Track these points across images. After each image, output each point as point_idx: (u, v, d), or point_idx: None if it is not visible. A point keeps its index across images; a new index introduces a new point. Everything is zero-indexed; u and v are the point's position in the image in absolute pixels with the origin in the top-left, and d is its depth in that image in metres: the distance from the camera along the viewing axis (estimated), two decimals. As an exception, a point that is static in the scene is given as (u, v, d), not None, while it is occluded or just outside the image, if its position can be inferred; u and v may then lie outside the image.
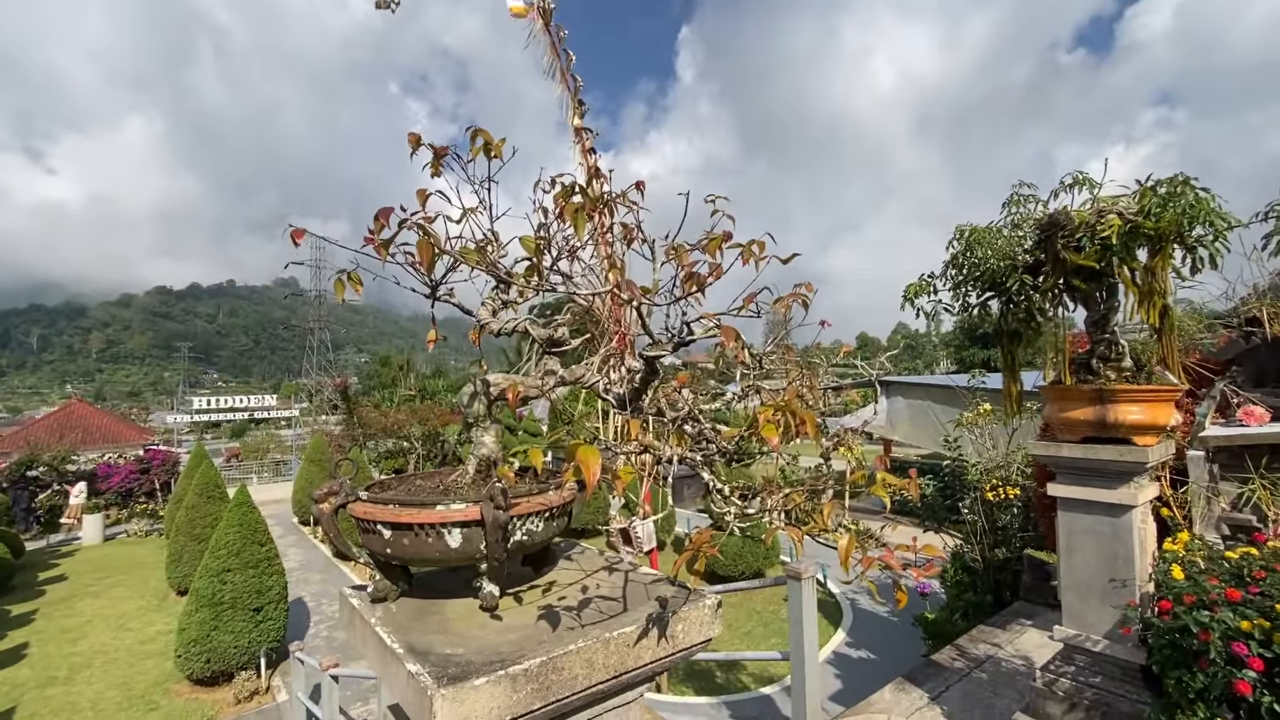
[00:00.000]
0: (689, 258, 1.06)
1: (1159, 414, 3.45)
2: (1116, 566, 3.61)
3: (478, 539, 1.16)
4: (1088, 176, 3.50)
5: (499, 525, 1.11)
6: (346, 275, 1.28)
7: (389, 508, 1.19)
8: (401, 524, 1.16)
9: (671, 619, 1.17)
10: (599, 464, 0.77)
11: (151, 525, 20.50)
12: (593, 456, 0.78)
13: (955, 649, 5.87)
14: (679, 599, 1.23)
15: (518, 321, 1.30)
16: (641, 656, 1.13)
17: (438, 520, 1.15)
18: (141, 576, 15.56)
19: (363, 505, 1.22)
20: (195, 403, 38.28)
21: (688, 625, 1.20)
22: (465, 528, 1.16)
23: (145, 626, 12.33)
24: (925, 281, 4.19)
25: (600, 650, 1.07)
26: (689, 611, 1.20)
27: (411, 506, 1.17)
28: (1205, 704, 3.23)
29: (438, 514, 1.15)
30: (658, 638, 1.15)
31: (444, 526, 1.15)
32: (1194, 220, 3.15)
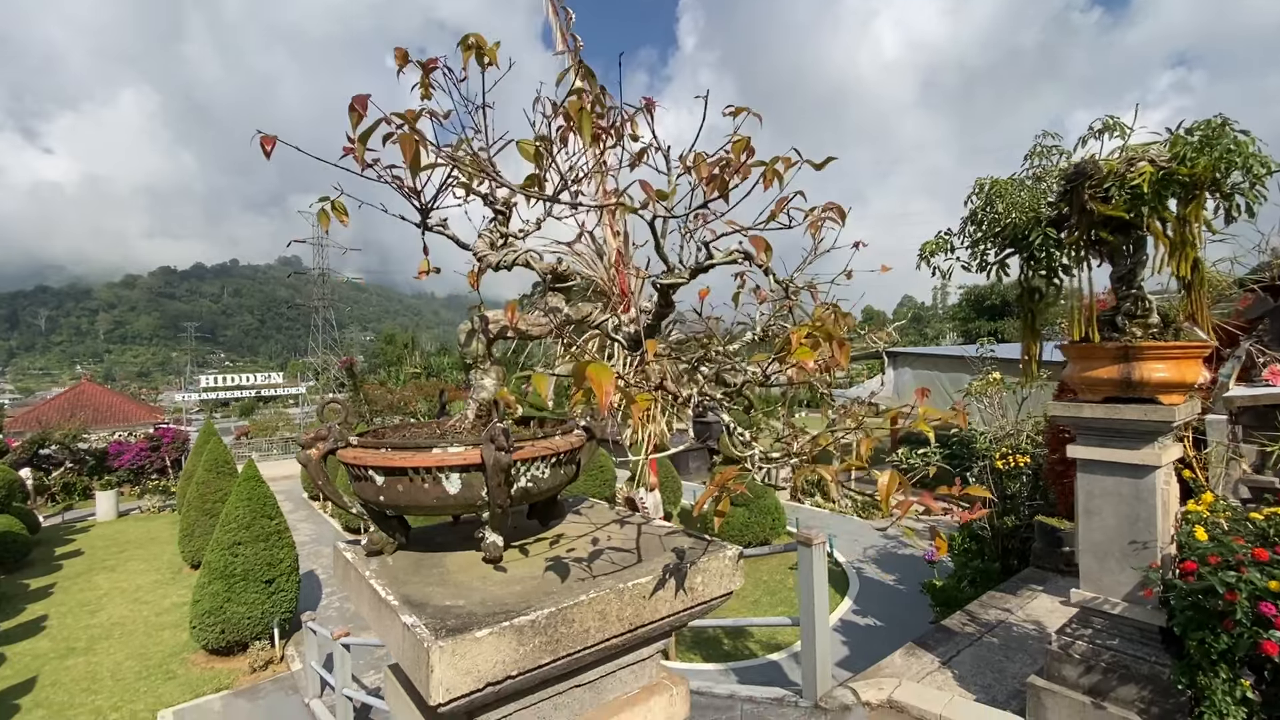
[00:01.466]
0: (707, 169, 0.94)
1: (1187, 372, 3.33)
2: (1138, 529, 3.52)
3: (478, 484, 1.07)
4: (1119, 121, 3.33)
5: (501, 468, 1.02)
6: (330, 204, 1.17)
7: (381, 451, 1.09)
8: (395, 468, 1.07)
9: (690, 569, 1.08)
10: (612, 382, 0.67)
11: (164, 501, 20.72)
12: (604, 374, 0.67)
13: (965, 614, 5.84)
14: (697, 549, 1.14)
15: (519, 254, 1.19)
16: (659, 609, 1.04)
17: (434, 464, 1.05)
18: (155, 551, 15.76)
19: (353, 450, 1.13)
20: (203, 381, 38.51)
21: (707, 577, 1.11)
22: (464, 472, 1.07)
23: (160, 599, 12.51)
24: (943, 239, 4.04)
25: (614, 601, 0.98)
26: (708, 562, 1.10)
27: (406, 450, 1.08)
28: (1228, 665, 3.17)
29: (434, 457, 1.06)
30: (675, 589, 1.06)
31: (441, 470, 1.06)
32: (1232, 165, 2.99)
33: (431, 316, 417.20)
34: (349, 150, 0.96)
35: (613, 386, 0.68)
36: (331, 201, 1.18)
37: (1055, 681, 3.74)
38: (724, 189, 0.93)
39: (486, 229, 1.26)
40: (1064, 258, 3.75)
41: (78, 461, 22.97)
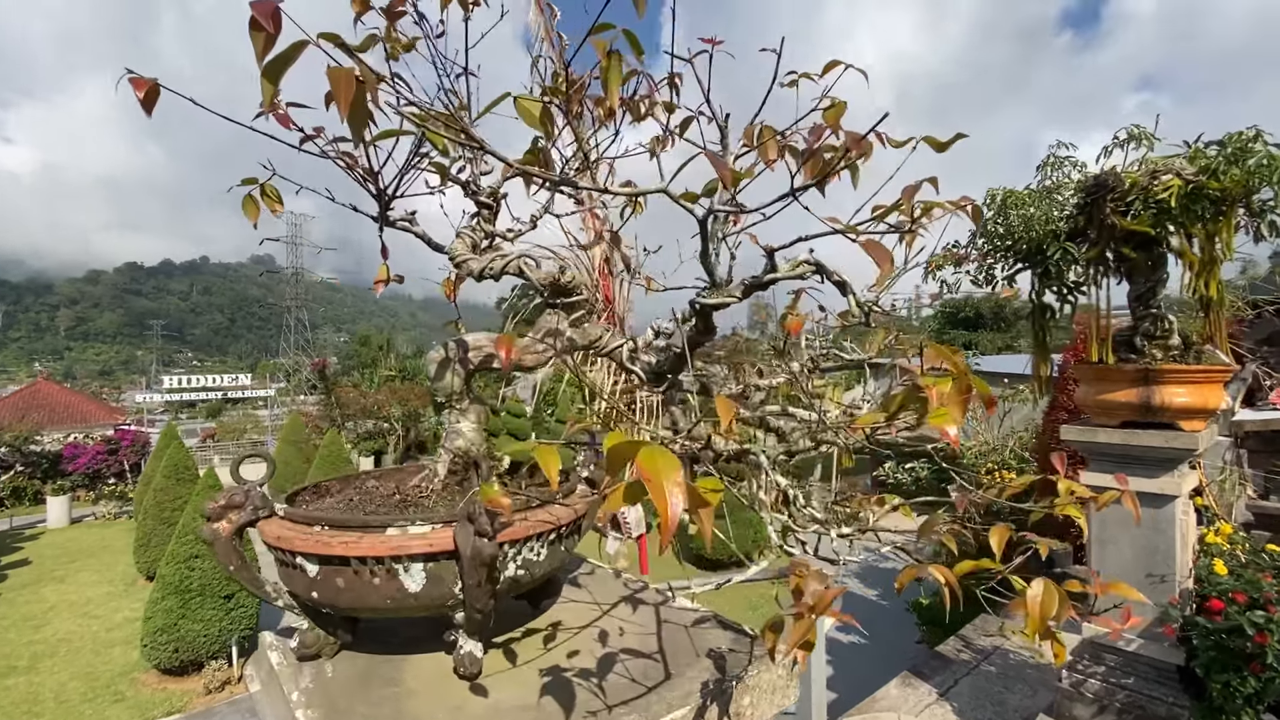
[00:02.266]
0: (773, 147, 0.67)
1: (1210, 396, 3.15)
2: (1155, 561, 3.33)
3: (450, 578, 0.78)
4: (1144, 130, 3.15)
5: (482, 560, 0.73)
6: (260, 187, 0.87)
7: (315, 530, 0.79)
8: (333, 557, 0.77)
9: (736, 689, 0.80)
10: (679, 483, 0.40)
11: (120, 508, 19.82)
12: (666, 467, 0.40)
13: (960, 640, 5.65)
14: (739, 653, 0.86)
15: (509, 259, 0.91)
16: (698, 754, 0.76)
17: (389, 552, 0.75)
18: (109, 561, 15.00)
19: (277, 525, 0.83)
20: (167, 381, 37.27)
21: (757, 695, 0.83)
22: (431, 561, 0.78)
23: (112, 613, 11.84)
24: (951, 252, 3.83)
25: (642, 753, 0.70)
26: (758, 675, 0.83)
27: (350, 530, 0.78)
28: (1254, 710, 2.99)
29: (389, 541, 0.76)
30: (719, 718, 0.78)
31: (398, 560, 0.77)
32: (1264, 180, 2.82)
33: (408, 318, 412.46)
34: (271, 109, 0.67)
35: (683, 490, 0.41)
36: (262, 185, 0.88)
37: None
38: (823, 174, 0.67)
39: (467, 227, 0.98)
40: (1074, 274, 3.57)
41: (29, 464, 21.90)
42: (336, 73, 0.48)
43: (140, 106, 0.59)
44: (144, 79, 0.57)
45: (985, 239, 3.77)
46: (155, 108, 0.60)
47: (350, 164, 0.85)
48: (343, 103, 0.49)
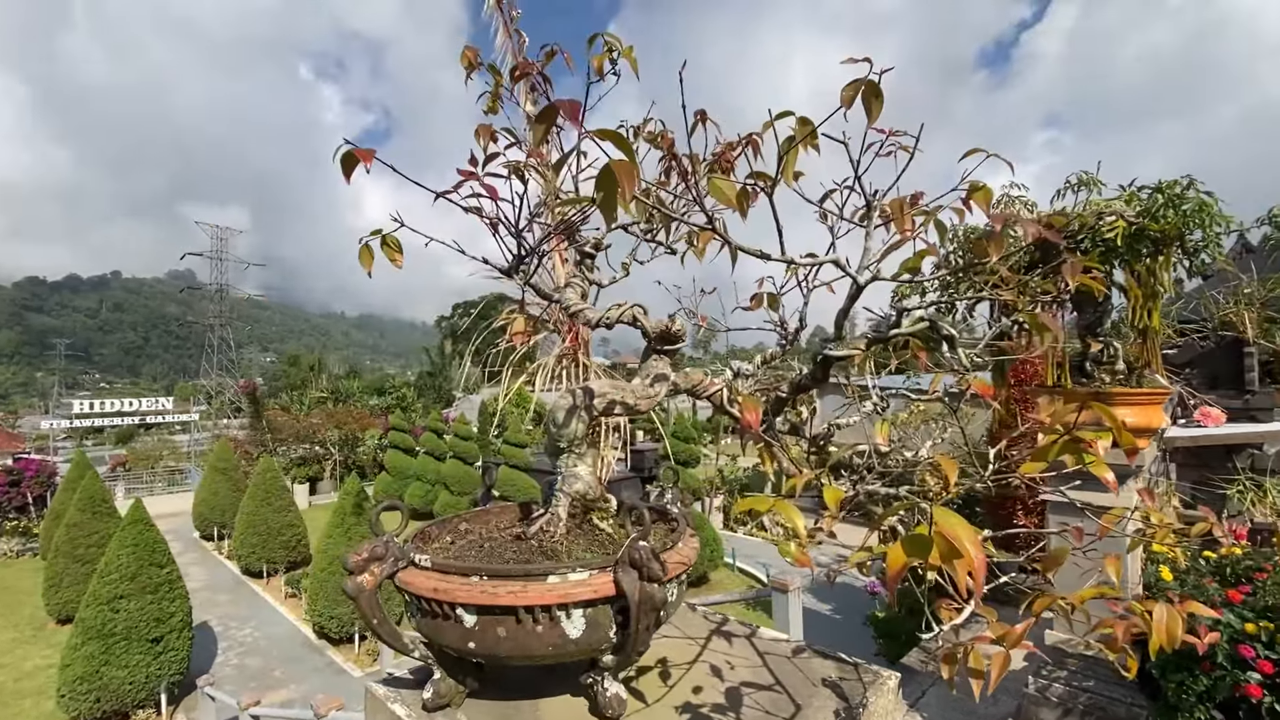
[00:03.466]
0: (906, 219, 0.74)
1: (1153, 416, 3.46)
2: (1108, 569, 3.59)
3: (605, 622, 0.80)
4: (1093, 177, 3.46)
5: (654, 605, 0.75)
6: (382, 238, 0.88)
7: (474, 580, 0.79)
8: (497, 607, 0.78)
9: (861, 715, 0.85)
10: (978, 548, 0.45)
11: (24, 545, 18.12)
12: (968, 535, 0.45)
13: (923, 651, 5.86)
14: (850, 680, 0.92)
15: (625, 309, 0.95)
16: (844, 782, 0.81)
17: (556, 600, 0.77)
18: (11, 603, 13.65)
19: (424, 575, 0.82)
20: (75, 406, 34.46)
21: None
22: (591, 607, 0.80)
23: (20, 661, 10.78)
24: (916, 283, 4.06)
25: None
26: (875, 701, 0.89)
27: (513, 580, 0.79)
28: (1205, 707, 3.24)
29: (555, 590, 0.77)
30: (854, 748, 0.83)
31: (563, 608, 0.78)
32: (1198, 223, 3.15)
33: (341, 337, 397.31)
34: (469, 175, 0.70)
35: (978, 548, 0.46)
36: (384, 236, 0.89)
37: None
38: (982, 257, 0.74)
39: (576, 277, 1.01)
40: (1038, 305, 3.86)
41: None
42: (622, 165, 0.52)
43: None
44: (364, 150, 0.58)
45: (949, 271, 4.03)
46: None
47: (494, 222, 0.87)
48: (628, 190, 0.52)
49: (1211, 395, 4.76)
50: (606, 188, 0.54)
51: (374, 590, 0.83)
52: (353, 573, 0.83)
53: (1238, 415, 4.71)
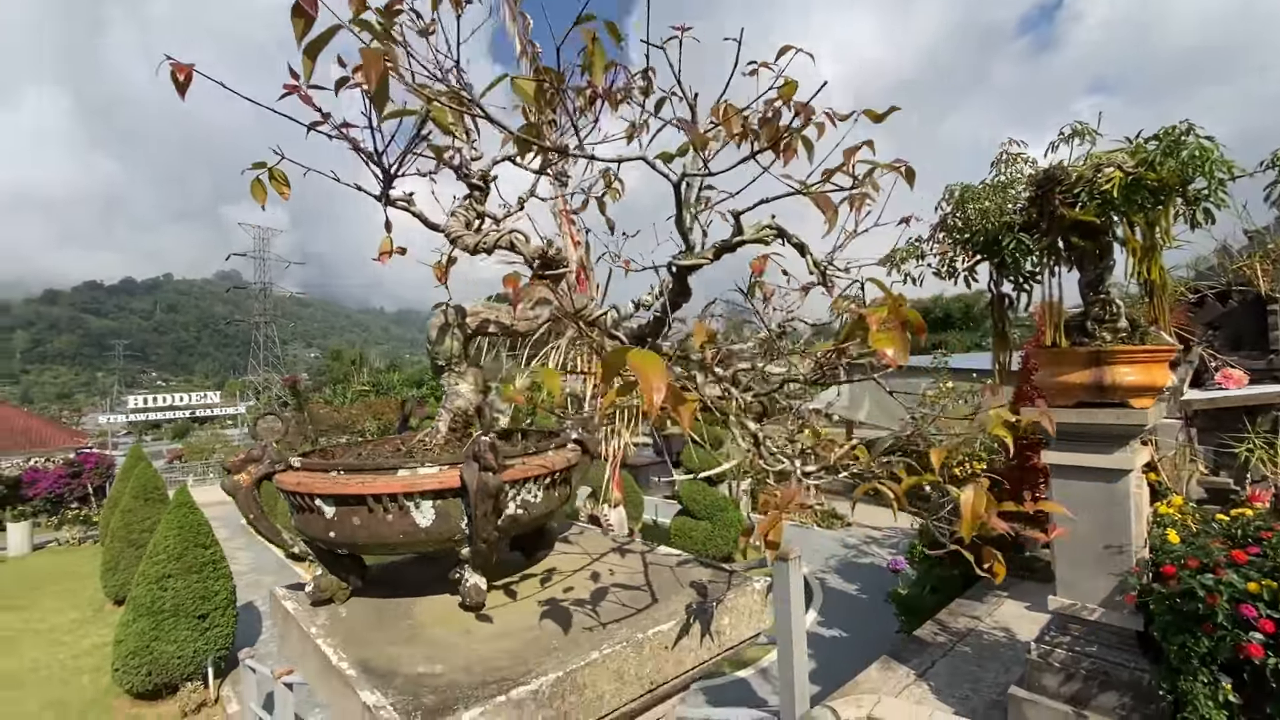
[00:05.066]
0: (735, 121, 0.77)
1: (1156, 375, 3.35)
2: (1112, 533, 3.51)
3: (456, 514, 0.86)
4: (1087, 126, 3.35)
5: (489, 493, 0.81)
6: (268, 171, 0.95)
7: (332, 475, 0.87)
8: (350, 496, 0.85)
9: (716, 609, 0.89)
10: (663, 376, 0.49)
11: (85, 532, 19.22)
12: (652, 365, 0.49)
13: (936, 624, 5.81)
14: (719, 583, 0.96)
15: (502, 234, 0.99)
16: (683, 661, 0.85)
17: (401, 489, 0.84)
18: (74, 587, 14.53)
19: (295, 474, 0.90)
20: (131, 402, 36.24)
21: (735, 617, 0.93)
22: (440, 498, 0.86)
23: (80, 640, 11.49)
24: (914, 245, 4.00)
25: (633, 657, 0.79)
26: (736, 599, 0.93)
27: (364, 473, 0.86)
28: (1209, 669, 3.16)
29: (402, 480, 0.84)
30: (701, 635, 0.87)
31: (410, 498, 0.85)
32: (1196, 170, 3.02)
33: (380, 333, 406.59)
34: (292, 89, 0.75)
35: (664, 382, 0.50)
36: (269, 168, 0.96)
37: (1036, 691, 3.69)
38: (776, 138, 0.76)
39: (461, 206, 1.06)
40: (1030, 264, 3.76)
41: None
42: (369, 52, 0.56)
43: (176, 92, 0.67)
44: (183, 65, 0.64)
45: (945, 232, 3.95)
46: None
47: (356, 146, 0.93)
48: (373, 79, 0.56)
49: (1234, 356, 4.56)
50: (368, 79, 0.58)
51: (250, 488, 0.90)
52: (230, 472, 0.91)
53: (1261, 376, 4.50)
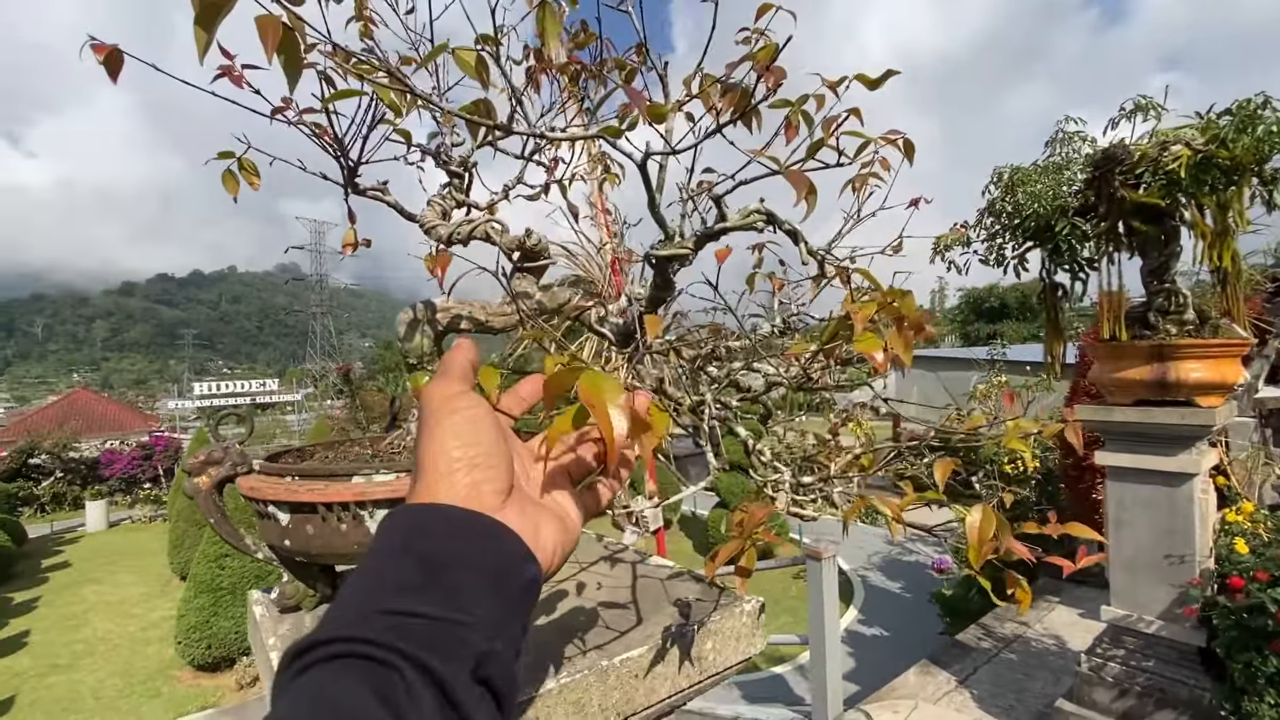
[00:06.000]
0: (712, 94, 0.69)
1: (1227, 371, 3.08)
2: (1173, 541, 3.26)
3: (415, 525, 0.82)
4: (1151, 100, 3.09)
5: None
6: (238, 161, 0.92)
7: (285, 481, 0.83)
8: (302, 504, 0.81)
9: (697, 633, 0.82)
10: (620, 402, 0.41)
11: (156, 511, 20.37)
12: (606, 388, 0.42)
13: (980, 628, 5.58)
14: (705, 604, 0.88)
15: (477, 224, 0.94)
16: (656, 690, 0.78)
17: (353, 497, 0.79)
18: (145, 563, 15.43)
19: (251, 479, 0.87)
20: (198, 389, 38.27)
21: (720, 640, 0.85)
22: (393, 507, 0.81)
23: (148, 612, 12.20)
24: (959, 231, 3.79)
25: (596, 686, 0.72)
26: (721, 622, 0.85)
27: (317, 479, 0.82)
28: (1276, 690, 2.92)
29: (353, 489, 0.80)
30: (679, 661, 0.80)
31: (363, 506, 0.80)
32: (1274, 148, 2.75)
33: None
34: (225, 71, 0.71)
35: (626, 413, 0.43)
36: (239, 158, 0.92)
37: (1085, 706, 3.48)
38: (743, 106, 0.68)
39: (438, 195, 1.01)
40: (1087, 251, 3.51)
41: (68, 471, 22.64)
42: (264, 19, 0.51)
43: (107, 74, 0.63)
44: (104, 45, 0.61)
45: (994, 218, 3.73)
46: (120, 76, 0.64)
47: (319, 133, 0.88)
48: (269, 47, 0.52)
49: (1319, 351, 4.18)
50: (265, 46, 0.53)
51: (210, 491, 0.88)
52: (190, 474, 0.89)
53: (1349, 372, 4.10)
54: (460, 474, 0.47)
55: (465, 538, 0.45)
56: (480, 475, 0.48)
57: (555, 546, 0.51)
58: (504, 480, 0.49)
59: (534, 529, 0.49)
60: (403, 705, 0.36)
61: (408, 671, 0.38)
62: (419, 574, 0.43)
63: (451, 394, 0.51)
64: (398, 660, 0.38)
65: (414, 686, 0.37)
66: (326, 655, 0.38)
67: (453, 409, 0.50)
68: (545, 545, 0.50)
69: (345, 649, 0.38)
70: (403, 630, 0.39)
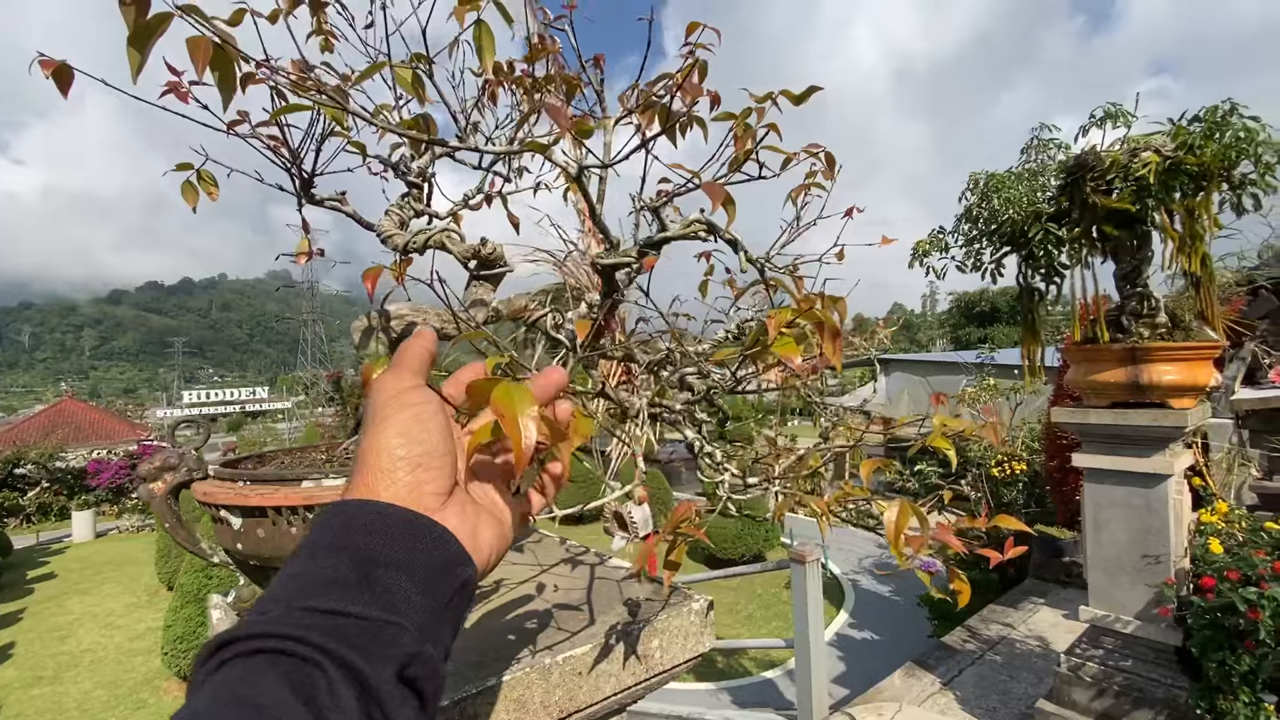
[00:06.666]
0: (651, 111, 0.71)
1: (1199, 373, 3.13)
2: (1149, 541, 3.31)
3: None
4: (1120, 109, 3.14)
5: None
6: (196, 173, 0.93)
7: (237, 485, 0.85)
8: (253, 508, 0.83)
9: (643, 632, 0.84)
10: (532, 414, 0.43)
11: (143, 521, 20.18)
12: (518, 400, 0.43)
13: (966, 630, 5.61)
14: (654, 603, 0.90)
15: (432, 233, 0.96)
16: (600, 688, 0.80)
17: (301, 501, 0.81)
18: (132, 573, 15.28)
19: (205, 484, 0.88)
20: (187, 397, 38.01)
21: (667, 639, 0.87)
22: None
23: (134, 623, 12.07)
24: (936, 237, 3.84)
25: (538, 683, 0.74)
26: (669, 620, 0.87)
27: (267, 484, 0.83)
28: (1250, 688, 2.96)
29: (302, 493, 0.81)
30: (624, 658, 0.82)
31: (313, 510, 0.82)
32: (1241, 154, 2.81)
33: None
34: (172, 86, 0.72)
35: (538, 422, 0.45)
36: (198, 170, 0.94)
37: (1065, 706, 3.51)
38: (666, 121, 0.70)
39: (396, 205, 1.03)
40: (1063, 255, 3.56)
41: (55, 480, 22.40)
42: (194, 40, 0.53)
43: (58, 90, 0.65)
44: (52, 60, 0.62)
45: (971, 223, 3.78)
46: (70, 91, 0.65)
47: (275, 146, 0.90)
48: (199, 66, 0.53)
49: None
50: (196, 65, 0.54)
51: (165, 496, 0.89)
52: (145, 480, 0.90)
53: (1321, 374, 4.17)
54: (402, 472, 0.47)
55: (402, 537, 0.45)
56: (423, 475, 0.48)
57: (492, 547, 0.52)
58: (446, 481, 0.49)
59: (472, 530, 0.50)
60: (324, 703, 0.36)
61: (331, 670, 0.37)
62: (352, 571, 0.42)
63: (404, 388, 0.51)
64: (321, 658, 0.37)
65: (336, 685, 0.37)
66: (247, 650, 0.38)
67: (404, 404, 0.50)
68: (483, 546, 0.50)
69: (268, 644, 0.38)
70: (329, 628, 0.39)
